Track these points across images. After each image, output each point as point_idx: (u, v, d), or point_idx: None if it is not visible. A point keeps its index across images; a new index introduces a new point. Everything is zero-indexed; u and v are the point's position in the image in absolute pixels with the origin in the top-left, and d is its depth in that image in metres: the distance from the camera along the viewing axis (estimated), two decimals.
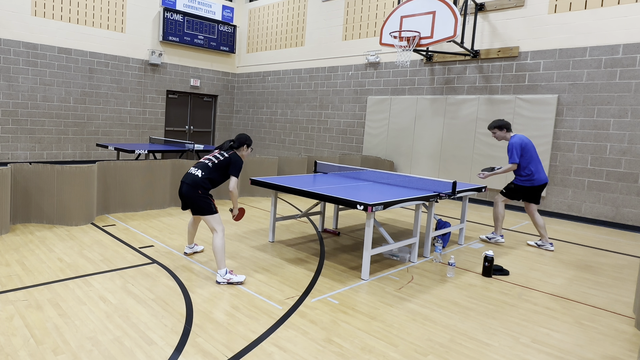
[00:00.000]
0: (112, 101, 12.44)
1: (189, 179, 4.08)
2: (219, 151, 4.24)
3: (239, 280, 3.96)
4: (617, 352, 3.13)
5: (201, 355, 2.76)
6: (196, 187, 4.03)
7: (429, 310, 3.64)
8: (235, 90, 15.31)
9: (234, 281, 3.95)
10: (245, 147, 4.26)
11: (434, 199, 4.87)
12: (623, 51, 7.39)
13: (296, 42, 13.09)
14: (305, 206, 7.87)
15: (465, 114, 9.33)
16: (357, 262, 4.79)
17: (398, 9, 8.57)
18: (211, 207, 4.05)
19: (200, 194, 4.03)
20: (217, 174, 4.14)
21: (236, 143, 4.24)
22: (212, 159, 4.16)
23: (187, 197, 4.08)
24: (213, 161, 4.14)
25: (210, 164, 4.13)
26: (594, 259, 5.53)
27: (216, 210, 4.09)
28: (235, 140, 4.25)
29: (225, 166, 4.13)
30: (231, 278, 3.95)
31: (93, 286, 3.74)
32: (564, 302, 4.02)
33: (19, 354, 2.65)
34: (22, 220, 5.57)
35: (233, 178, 4.10)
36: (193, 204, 4.07)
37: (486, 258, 4.58)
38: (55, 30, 11.20)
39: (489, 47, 8.97)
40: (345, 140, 11.83)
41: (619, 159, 7.46)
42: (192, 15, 13.49)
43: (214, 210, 4.07)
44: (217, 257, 3.97)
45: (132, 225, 5.87)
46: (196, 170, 4.11)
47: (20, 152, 11.07)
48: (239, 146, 4.25)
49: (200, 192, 4.03)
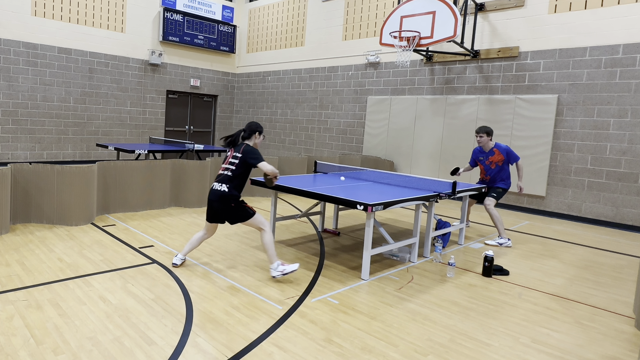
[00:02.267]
0: (112, 101, 12.44)
1: (216, 196, 4.04)
2: (232, 153, 4.17)
3: (292, 269, 4.03)
4: (617, 352, 3.13)
5: (201, 355, 2.76)
6: (227, 201, 4.02)
7: (429, 310, 3.64)
8: (235, 90, 15.31)
9: (287, 271, 4.01)
10: (257, 134, 4.20)
11: (434, 199, 4.87)
12: (623, 51, 7.39)
13: (296, 42, 13.09)
14: (305, 206, 7.87)
15: (465, 114, 9.33)
16: (357, 262, 4.79)
17: (398, 9, 8.57)
18: (248, 212, 4.08)
19: (233, 207, 4.04)
20: (240, 177, 4.10)
21: (247, 132, 4.19)
22: (230, 167, 4.10)
23: (221, 213, 4.08)
24: (232, 169, 4.09)
25: (230, 173, 4.07)
26: (594, 259, 5.53)
27: (254, 211, 4.12)
28: (246, 129, 4.20)
29: (243, 165, 4.08)
30: (284, 269, 4.02)
31: (93, 286, 3.74)
32: (564, 302, 4.02)
33: (19, 354, 2.65)
34: (22, 220, 5.57)
35: (261, 165, 3.99)
36: (230, 216, 4.09)
37: (486, 258, 4.58)
38: (55, 30, 11.20)
39: (489, 47, 8.97)
40: (345, 140, 11.83)
41: (619, 159, 7.46)
42: (192, 15, 13.49)
43: (252, 212, 4.10)
44: (269, 252, 4.05)
45: (132, 225, 5.87)
46: (220, 185, 4.06)
47: (20, 152, 11.07)
48: (250, 135, 4.19)
49: (233, 204, 4.04)
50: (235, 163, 4.09)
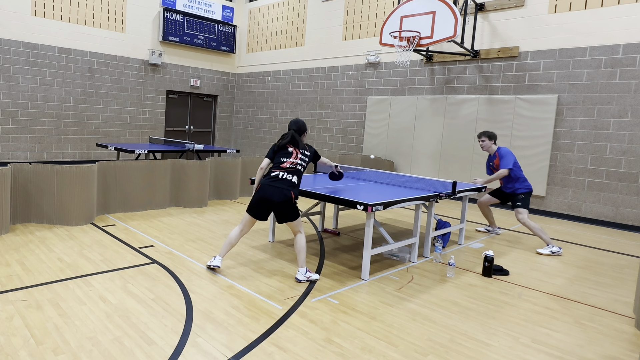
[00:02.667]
0: (112, 101, 12.44)
1: (284, 185, 4.00)
2: (300, 151, 4.19)
3: (316, 278, 4.17)
4: (617, 352, 3.13)
5: (201, 355, 2.76)
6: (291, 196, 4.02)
7: (429, 310, 3.64)
8: (235, 90, 15.31)
9: (312, 278, 4.15)
10: (305, 133, 4.35)
11: (434, 199, 4.87)
12: (623, 51, 7.39)
13: (296, 42, 13.09)
14: (305, 206, 7.87)
15: (465, 114, 9.33)
16: (357, 262, 4.79)
17: (398, 9, 8.57)
18: (298, 212, 4.14)
19: (295, 201, 4.07)
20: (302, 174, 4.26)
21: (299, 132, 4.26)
22: (301, 163, 4.15)
23: (281, 204, 4.00)
24: (303, 165, 4.16)
25: (301, 168, 4.15)
26: (594, 258, 5.53)
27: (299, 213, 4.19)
28: (297, 130, 4.24)
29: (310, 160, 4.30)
30: (310, 276, 4.15)
31: (93, 286, 3.74)
32: (564, 302, 4.02)
33: (19, 354, 2.65)
34: (22, 220, 5.57)
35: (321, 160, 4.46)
36: (286, 210, 4.04)
37: (486, 258, 4.58)
38: (55, 30, 11.20)
39: (489, 47, 8.97)
40: (345, 140, 11.83)
41: (619, 159, 7.46)
42: (192, 15, 13.49)
43: (299, 213, 4.17)
44: (301, 256, 4.13)
45: (132, 225, 5.87)
46: (291, 175, 4.06)
47: (20, 152, 11.07)
48: (302, 133, 4.30)
49: (295, 201, 4.07)
50: (305, 160, 4.20)
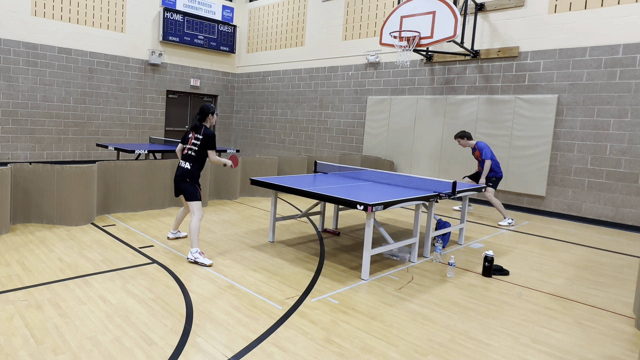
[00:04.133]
0: (112, 101, 12.44)
1: (179, 171, 4.69)
2: (194, 134, 4.67)
3: (204, 263, 4.40)
4: (617, 352, 3.13)
5: (201, 355, 2.76)
6: (185, 176, 4.63)
7: (429, 310, 3.64)
8: (235, 90, 15.31)
9: (200, 261, 4.41)
10: (210, 116, 4.67)
11: (434, 199, 4.87)
12: (623, 51, 7.39)
13: (296, 42, 13.09)
14: (305, 206, 7.87)
15: (465, 114, 9.33)
16: (357, 262, 4.79)
17: (398, 9, 8.57)
18: (197, 194, 4.64)
19: (189, 182, 4.64)
20: (201, 157, 4.69)
21: (201, 115, 4.67)
22: (193, 148, 4.67)
23: (179, 185, 4.69)
24: (194, 149, 4.66)
25: (193, 153, 4.67)
26: (594, 259, 5.53)
27: (200, 198, 4.66)
28: (200, 112, 4.67)
29: (204, 146, 4.62)
30: (198, 257, 4.42)
31: (93, 286, 3.74)
32: (564, 302, 4.02)
33: (19, 354, 2.65)
34: (22, 220, 5.57)
35: (210, 154, 4.65)
36: (184, 190, 4.66)
37: (486, 258, 4.58)
38: (55, 30, 11.20)
39: (489, 47, 8.97)
40: (345, 140, 11.83)
41: (619, 159, 7.46)
42: (192, 15, 13.49)
43: (199, 197, 4.65)
44: (192, 236, 4.49)
45: (132, 225, 5.87)
46: (185, 163, 4.69)
47: (20, 152, 11.07)
48: (204, 118, 4.66)
49: (188, 180, 4.63)
50: (197, 144, 4.63)
